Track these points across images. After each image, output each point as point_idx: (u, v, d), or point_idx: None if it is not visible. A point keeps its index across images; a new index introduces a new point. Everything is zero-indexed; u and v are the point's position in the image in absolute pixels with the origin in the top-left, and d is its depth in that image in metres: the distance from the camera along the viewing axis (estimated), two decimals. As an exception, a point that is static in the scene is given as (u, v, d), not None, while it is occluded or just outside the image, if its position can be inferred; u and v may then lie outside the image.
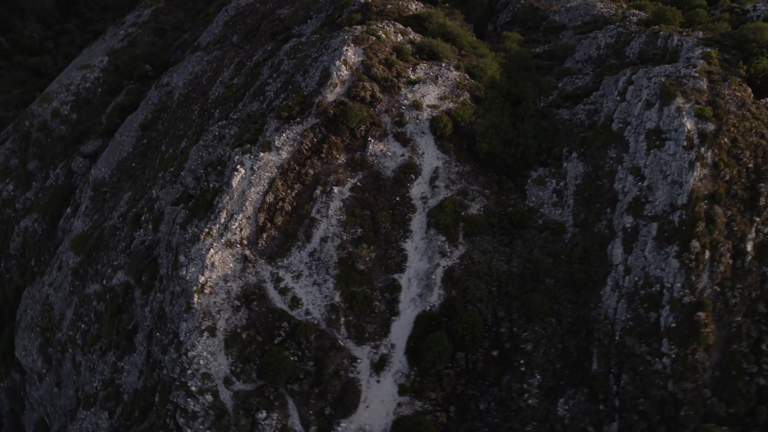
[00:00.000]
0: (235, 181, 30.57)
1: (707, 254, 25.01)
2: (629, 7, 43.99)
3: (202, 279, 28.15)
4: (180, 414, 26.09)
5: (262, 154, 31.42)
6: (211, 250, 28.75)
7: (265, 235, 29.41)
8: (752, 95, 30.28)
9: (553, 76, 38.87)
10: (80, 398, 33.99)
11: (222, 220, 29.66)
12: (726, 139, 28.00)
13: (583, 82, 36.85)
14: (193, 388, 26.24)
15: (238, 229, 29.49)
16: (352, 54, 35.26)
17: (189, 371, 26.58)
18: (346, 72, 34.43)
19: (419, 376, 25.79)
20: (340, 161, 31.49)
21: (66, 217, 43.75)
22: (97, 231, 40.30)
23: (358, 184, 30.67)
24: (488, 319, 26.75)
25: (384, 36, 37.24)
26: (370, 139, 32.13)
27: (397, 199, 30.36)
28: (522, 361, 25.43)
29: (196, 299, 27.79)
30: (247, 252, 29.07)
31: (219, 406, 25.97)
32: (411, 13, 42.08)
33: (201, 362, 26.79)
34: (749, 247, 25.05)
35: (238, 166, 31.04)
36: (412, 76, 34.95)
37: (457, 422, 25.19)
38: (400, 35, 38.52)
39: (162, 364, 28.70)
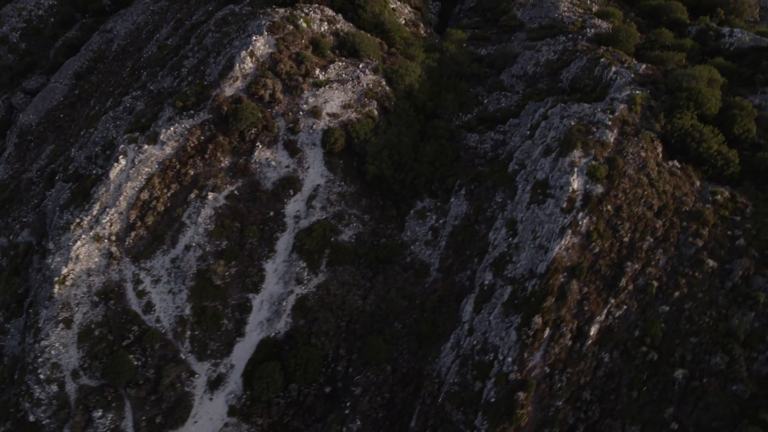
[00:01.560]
0: (114, 173, 30.10)
1: (547, 332, 24.30)
2: (594, 15, 39.93)
3: (65, 270, 28.57)
4: (26, 398, 27.54)
5: (146, 146, 30.62)
6: (78, 242, 28.93)
7: (133, 234, 29.36)
8: (661, 155, 28.01)
9: (485, 87, 36.30)
10: (-24, 348, 35.99)
11: (95, 212, 29.57)
12: (610, 207, 26.26)
13: (507, 103, 34.39)
14: (42, 376, 27.47)
15: (109, 223, 29.43)
16: (261, 45, 33.11)
17: (40, 359, 27.70)
18: (250, 65, 32.52)
19: (250, 401, 26.52)
20: (222, 164, 30.59)
21: (-7, 161, 44.06)
22: (14, 182, 40.67)
23: (236, 192, 29.96)
24: (329, 355, 26.95)
25: (305, 25, 34.69)
26: (258, 144, 30.93)
27: (271, 214, 29.70)
28: (348, 404, 25.86)
29: (56, 290, 28.37)
30: (114, 249, 29.19)
31: (63, 398, 27.27)
32: (353, -7, 38.86)
33: (53, 352, 27.83)
34: (593, 330, 24.19)
35: (120, 157, 30.41)
36: (320, 77, 32.89)
37: (278, 449, 26.18)
38: (326, 23, 35.86)
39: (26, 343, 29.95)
